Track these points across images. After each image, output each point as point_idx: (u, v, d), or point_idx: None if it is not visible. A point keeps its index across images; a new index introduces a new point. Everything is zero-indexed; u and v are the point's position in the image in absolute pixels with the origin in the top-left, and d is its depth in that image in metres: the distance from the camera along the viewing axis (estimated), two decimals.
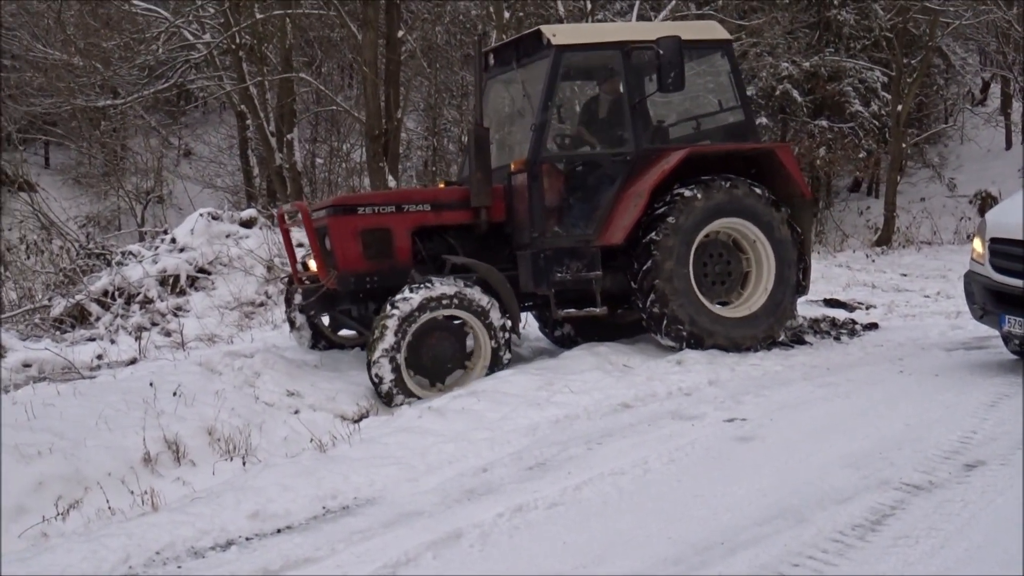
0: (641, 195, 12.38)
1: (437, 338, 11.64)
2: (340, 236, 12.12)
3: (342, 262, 12.10)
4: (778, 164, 13.08)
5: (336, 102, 24.41)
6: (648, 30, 13.33)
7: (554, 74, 12.58)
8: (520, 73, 13.41)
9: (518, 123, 13.79)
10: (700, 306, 12.43)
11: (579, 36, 13.04)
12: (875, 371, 11.68)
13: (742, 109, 13.47)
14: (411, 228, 12.43)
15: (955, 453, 8.44)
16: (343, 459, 8.75)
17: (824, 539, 6.69)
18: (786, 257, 12.83)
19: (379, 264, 12.19)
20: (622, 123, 12.95)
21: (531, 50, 13.11)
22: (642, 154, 12.79)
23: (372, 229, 12.24)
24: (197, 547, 7.08)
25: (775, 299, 12.78)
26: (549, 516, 7.32)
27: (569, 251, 12.54)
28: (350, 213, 12.21)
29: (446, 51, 29.02)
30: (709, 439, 9.02)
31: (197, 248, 16.96)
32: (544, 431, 9.48)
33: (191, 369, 11.34)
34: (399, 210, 12.41)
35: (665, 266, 12.26)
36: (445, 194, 12.76)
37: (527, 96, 13.44)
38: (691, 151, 12.63)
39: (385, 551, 6.74)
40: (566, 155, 13.01)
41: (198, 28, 25.60)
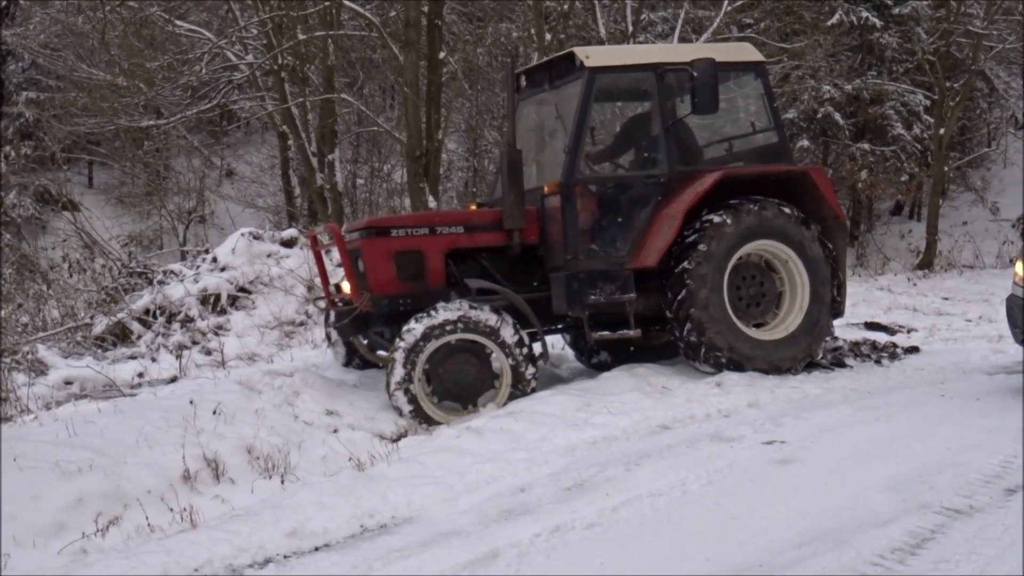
0: (675, 217, 12.30)
1: (458, 362, 11.62)
2: (373, 258, 12.12)
3: (375, 284, 12.10)
4: (812, 186, 12.98)
5: (377, 123, 24.47)
6: (681, 52, 13.31)
7: (587, 96, 12.52)
8: (552, 95, 13.40)
9: (550, 145, 13.78)
10: (738, 332, 12.36)
11: (612, 58, 13.03)
12: (916, 394, 11.62)
13: (776, 131, 13.41)
14: (444, 250, 12.40)
15: (996, 477, 8.39)
16: (381, 478, 8.76)
17: (863, 562, 6.66)
18: (820, 275, 12.74)
19: (412, 286, 12.17)
20: (655, 145, 12.88)
21: (564, 72, 13.07)
22: (676, 176, 12.71)
23: (405, 251, 12.23)
24: (235, 564, 7.11)
25: (811, 318, 12.69)
26: (586, 537, 7.31)
27: (603, 273, 12.47)
28: (383, 235, 12.22)
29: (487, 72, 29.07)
30: (748, 461, 8.99)
31: (238, 267, 17.01)
32: (582, 452, 9.47)
33: (231, 388, 11.38)
34: (432, 232, 12.39)
35: (700, 295, 12.19)
36: (478, 216, 12.76)
37: (560, 118, 13.39)
38: (725, 173, 12.58)
39: (422, 570, 6.75)
40: (599, 177, 12.97)
41: (241, 49, 25.74)
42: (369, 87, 29.71)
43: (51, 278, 20.99)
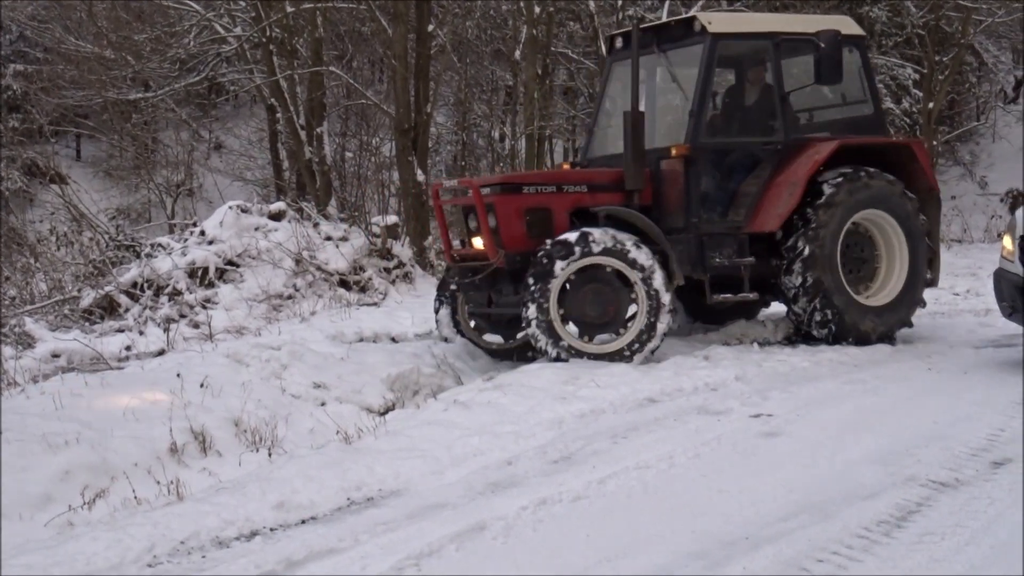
0: (796, 184, 12.62)
1: (592, 291, 11.85)
2: (506, 214, 12.22)
3: (508, 241, 12.19)
4: (912, 157, 13.41)
5: (366, 96, 24.40)
6: (797, 22, 13.81)
7: (710, 61, 12.75)
8: (663, 59, 13.43)
9: (651, 108, 13.85)
10: (850, 297, 12.75)
11: (733, 25, 13.27)
12: (903, 368, 11.65)
13: (872, 103, 13.79)
14: (569, 208, 12.52)
15: (983, 450, 8.42)
16: (368, 451, 8.76)
17: (849, 535, 6.67)
18: (919, 247, 13.11)
19: (540, 244, 12.15)
20: (772, 112, 13.15)
21: (678, 36, 13.21)
22: (790, 143, 12.98)
23: (535, 208, 12.38)
24: (222, 537, 7.09)
25: (910, 287, 13.05)
26: (573, 509, 7.32)
27: (723, 237, 12.76)
28: (516, 192, 12.35)
29: (476, 46, 29.00)
30: (735, 434, 9.01)
31: (226, 241, 16.97)
32: (569, 425, 9.47)
33: (218, 361, 11.36)
34: (559, 190, 12.54)
35: (820, 260, 12.52)
36: (600, 176, 12.83)
37: (675, 81, 13.59)
38: (842, 143, 12.92)
39: (408, 543, 6.74)
40: (723, 142, 13.17)
41: (229, 21, 25.64)
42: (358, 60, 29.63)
43: (39, 251, 20.93)
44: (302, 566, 6.54)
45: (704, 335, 13.21)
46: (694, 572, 6.22)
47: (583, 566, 6.34)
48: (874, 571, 6.16)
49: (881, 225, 13.09)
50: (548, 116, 25.45)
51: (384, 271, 17.53)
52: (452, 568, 6.40)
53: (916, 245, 13.09)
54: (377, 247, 17.70)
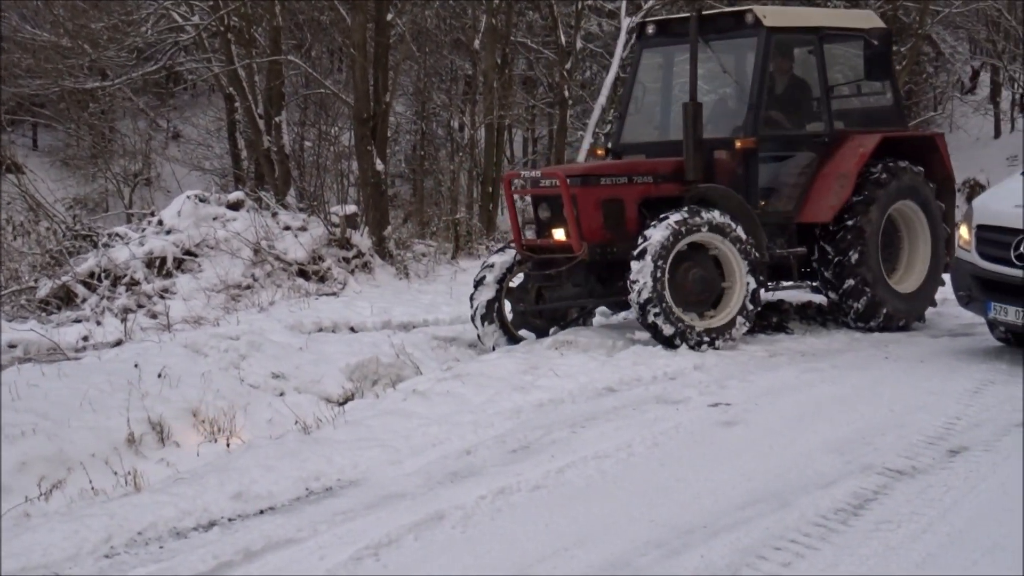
0: (847, 176, 12.91)
1: (691, 269, 12.00)
2: (586, 206, 12.22)
3: (587, 232, 12.19)
4: (935, 149, 13.85)
5: (325, 85, 24.32)
6: (838, 17, 14.57)
7: (766, 54, 12.88)
8: (706, 49, 13.36)
9: (709, 97, 14.11)
10: (889, 288, 13.16)
11: (786, 19, 13.44)
12: (860, 357, 11.71)
13: (893, 95, 14.12)
14: (638, 199, 12.59)
15: (939, 439, 8.49)
16: (327, 441, 8.74)
17: (806, 523, 6.72)
18: (940, 235, 13.50)
19: (614, 235, 12.32)
20: (818, 105, 13.49)
21: (725, 27, 13.31)
22: (835, 135, 13.24)
23: (610, 199, 12.42)
24: (179, 528, 7.07)
25: (933, 273, 13.48)
26: (532, 499, 7.33)
27: (777, 227, 13.02)
28: (594, 184, 12.37)
29: (436, 35, 28.92)
30: (693, 423, 9.04)
31: (184, 230, 16.87)
32: (528, 414, 9.48)
33: (176, 351, 11.31)
34: (630, 181, 12.60)
35: (868, 254, 12.84)
36: (662, 166, 12.85)
37: (727, 72, 13.73)
38: (885, 136, 13.24)
39: (367, 532, 6.75)
40: (779, 134, 13.28)
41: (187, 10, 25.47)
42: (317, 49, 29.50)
43: None
44: (260, 557, 6.54)
45: None
46: (652, 561, 6.26)
47: (541, 555, 6.36)
48: (831, 559, 6.20)
49: (908, 215, 13.48)
50: (507, 106, 25.41)
51: (343, 261, 17.49)
52: (411, 558, 6.41)
53: (938, 234, 13.48)
54: (336, 237, 17.65)
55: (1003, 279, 10.89)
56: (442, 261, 19.30)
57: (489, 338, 12.75)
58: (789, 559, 6.21)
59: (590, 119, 24.25)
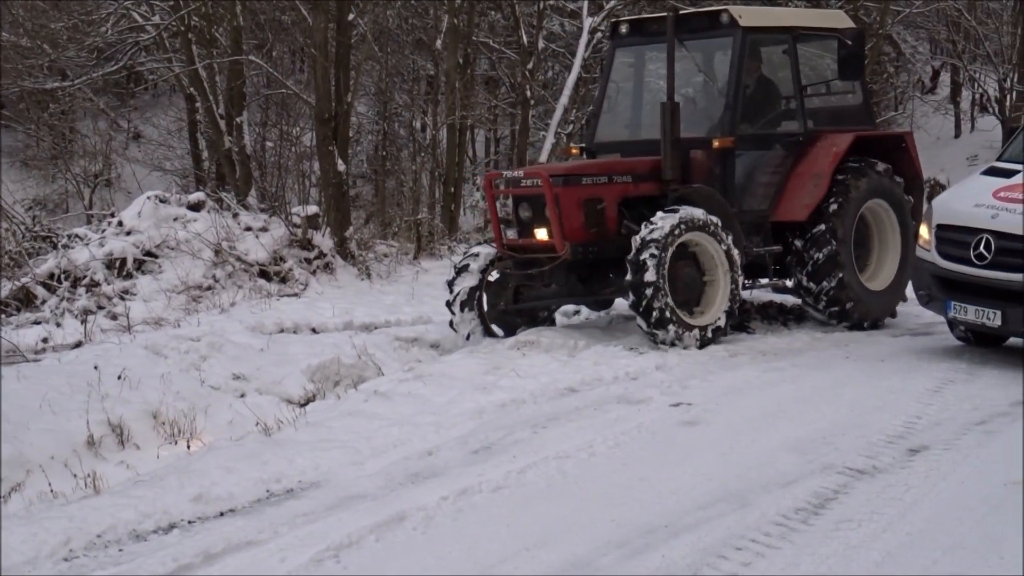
0: (822, 176, 13.03)
1: (681, 267, 12.04)
2: (568, 205, 12.23)
3: (569, 232, 12.20)
4: (905, 147, 14.00)
5: (286, 85, 24.22)
6: (812, 18, 14.59)
7: (742, 54, 12.95)
8: (680, 49, 13.28)
9: (654, 98, 14.18)
10: (862, 286, 13.29)
11: (761, 19, 13.57)
12: (821, 356, 11.75)
13: (860, 93, 14.21)
14: (618, 198, 12.64)
15: (899, 438, 8.53)
16: (288, 442, 8.72)
17: (767, 522, 6.75)
18: (910, 233, 13.51)
19: (595, 234, 12.38)
20: (792, 105, 13.58)
21: (700, 27, 13.38)
22: (808, 134, 13.33)
23: (591, 199, 12.44)
24: (139, 530, 7.04)
25: (903, 270, 13.50)
26: (493, 499, 7.33)
27: (752, 226, 13.10)
28: (576, 183, 12.39)
29: (397, 35, 28.86)
30: (655, 423, 9.05)
31: (144, 231, 16.79)
32: (490, 415, 9.46)
33: (137, 352, 11.28)
34: (610, 181, 12.64)
35: (841, 252, 12.92)
36: (641, 166, 12.89)
37: (703, 72, 13.87)
38: (858, 135, 13.37)
39: (328, 534, 6.73)
40: (756, 133, 13.31)
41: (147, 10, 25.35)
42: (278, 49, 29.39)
43: None
44: (220, 559, 6.52)
45: (625, 324, 13.24)
46: (614, 560, 6.27)
47: (503, 555, 6.36)
48: (791, 558, 6.22)
49: (879, 214, 13.60)
50: (470, 106, 25.37)
51: (305, 262, 17.43)
52: (372, 559, 6.40)
53: (908, 232, 13.55)
54: (298, 237, 17.59)
55: (963, 278, 10.96)
56: (404, 262, 19.25)
57: (465, 325, 12.76)
58: (750, 559, 6.23)
59: (552, 119, 24.22)
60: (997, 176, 11.42)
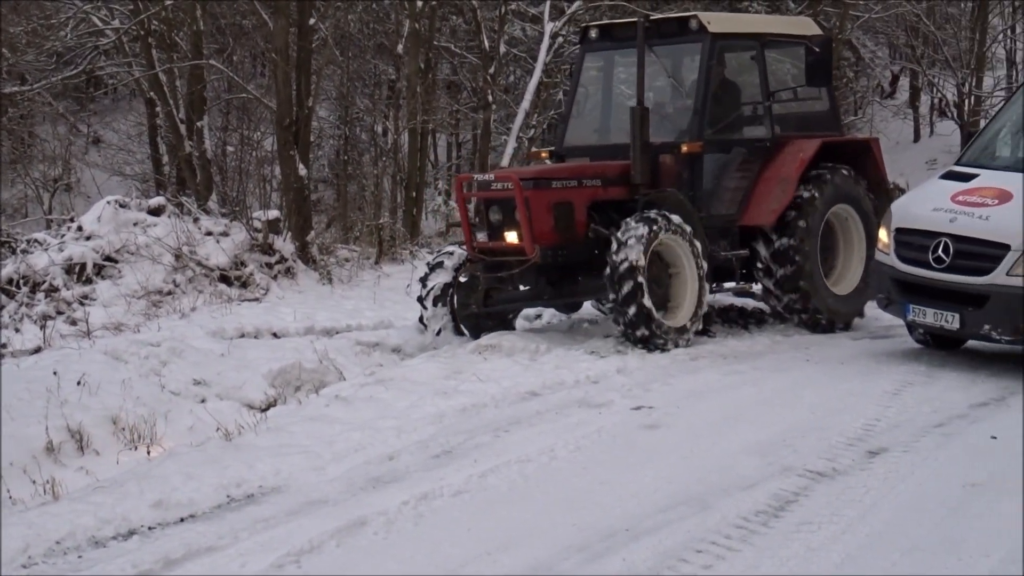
0: (789, 180, 13.06)
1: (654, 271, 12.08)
2: (538, 209, 12.25)
3: (539, 235, 12.22)
4: (871, 153, 14.10)
5: (247, 90, 24.15)
6: (780, 24, 14.76)
7: (711, 60, 13.01)
8: (649, 54, 13.39)
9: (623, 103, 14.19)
10: (827, 290, 13.38)
11: (730, 25, 13.67)
12: (781, 359, 11.79)
13: (828, 99, 14.24)
14: (587, 202, 12.67)
15: (858, 440, 8.57)
16: (249, 448, 8.71)
17: (728, 525, 6.77)
18: (874, 235, 13.46)
19: (564, 238, 12.41)
20: (760, 110, 13.67)
21: (669, 33, 13.43)
22: (776, 140, 13.43)
23: (561, 203, 12.48)
24: (98, 536, 7.00)
25: (866, 277, 13.39)
26: (454, 503, 7.33)
27: (720, 230, 13.17)
28: (546, 187, 12.42)
29: (359, 40, 28.81)
30: (616, 427, 9.07)
31: (104, 236, 16.72)
32: (451, 419, 9.46)
33: (96, 358, 11.23)
34: (580, 184, 12.69)
35: (807, 257, 13.01)
36: (611, 170, 12.92)
37: (672, 77, 13.95)
38: (824, 141, 13.39)
39: (289, 539, 6.72)
40: (723, 138, 13.35)
41: (107, 14, 25.26)
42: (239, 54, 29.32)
43: None
44: (180, 565, 6.50)
45: (586, 328, 13.26)
46: (575, 564, 6.28)
47: (464, 560, 6.37)
48: (752, 560, 6.24)
49: (844, 219, 13.68)
50: (431, 110, 25.36)
51: (266, 266, 17.38)
52: (333, 564, 6.40)
53: (872, 236, 13.50)
54: (258, 242, 17.55)
55: (921, 282, 11.01)
56: (365, 266, 19.22)
57: (437, 321, 12.83)
58: (710, 561, 6.25)
59: (514, 123, 24.23)
60: (955, 180, 11.49)
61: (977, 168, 11.53)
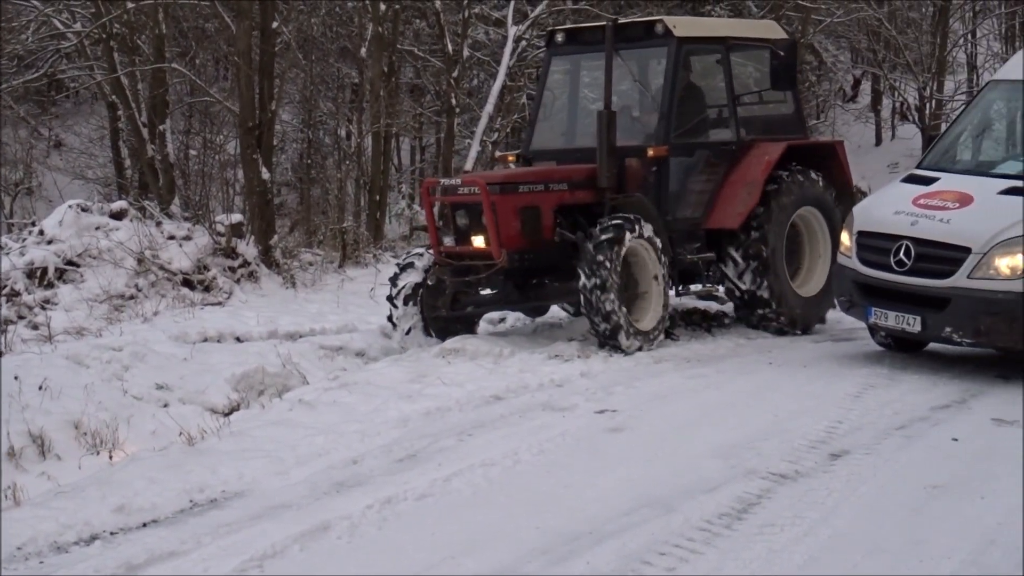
0: (755, 184, 13.10)
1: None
2: (505, 213, 12.24)
3: (506, 240, 12.20)
4: (835, 156, 14.22)
5: (209, 93, 24.08)
6: (745, 28, 14.99)
7: (677, 63, 13.05)
8: (617, 58, 13.30)
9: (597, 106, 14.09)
10: (793, 292, 13.47)
11: (696, 29, 13.78)
12: (744, 363, 11.82)
13: (793, 103, 14.29)
14: (554, 206, 12.68)
15: (821, 443, 8.61)
16: (212, 452, 8.68)
17: (691, 528, 6.79)
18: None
19: (531, 242, 12.43)
20: (727, 114, 13.72)
21: (635, 37, 13.46)
22: (742, 143, 13.46)
23: (528, 207, 12.49)
24: (60, 542, 6.97)
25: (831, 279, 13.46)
26: (418, 508, 7.33)
27: (686, 233, 13.24)
28: (513, 191, 12.42)
29: (322, 43, 28.76)
30: (580, 430, 9.08)
31: (66, 240, 16.63)
32: (415, 423, 9.45)
33: (58, 363, 11.15)
34: (547, 188, 12.69)
35: (773, 259, 13.07)
36: (577, 173, 12.94)
37: (638, 81, 13.95)
38: (790, 144, 13.49)
39: (252, 544, 6.70)
40: (689, 142, 13.38)
41: (69, 17, 25.15)
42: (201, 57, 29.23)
43: None
44: (143, 570, 6.48)
45: (550, 332, 13.28)
46: (538, 567, 6.28)
47: (428, 564, 6.37)
48: (715, 563, 6.26)
49: (810, 221, 13.76)
50: (395, 114, 25.34)
51: (229, 270, 17.33)
52: (296, 569, 6.39)
53: (837, 238, 13.53)
54: (222, 246, 17.49)
55: (883, 285, 11.06)
56: (329, 270, 19.19)
57: (407, 320, 12.83)
58: (674, 564, 6.27)
59: (477, 127, 24.23)
60: (917, 183, 11.56)
61: (938, 172, 11.61)
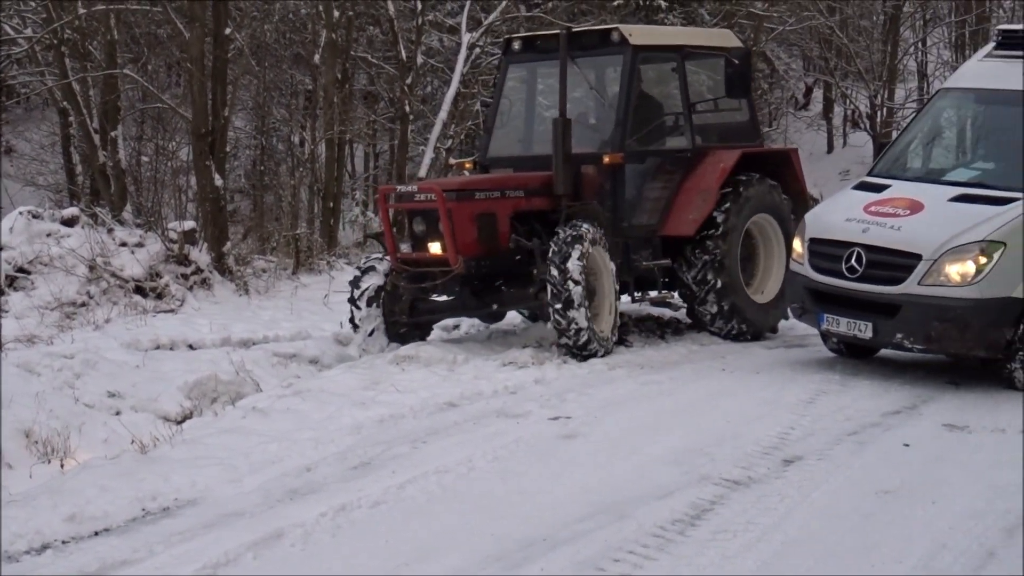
0: (709, 191, 13.18)
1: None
2: (461, 220, 12.24)
3: (462, 247, 12.20)
4: (790, 164, 14.32)
5: (162, 99, 23.96)
6: (700, 37, 15.02)
7: (632, 71, 13.12)
8: (571, 66, 13.40)
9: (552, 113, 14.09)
10: (748, 299, 13.53)
11: (651, 38, 13.86)
12: (698, 369, 11.87)
13: (747, 110, 14.36)
14: (510, 213, 12.70)
15: (774, 449, 8.66)
16: (164, 460, 8.64)
17: (644, 534, 6.81)
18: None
19: (488, 249, 12.45)
20: (681, 121, 13.80)
21: (591, 45, 13.53)
22: (696, 151, 13.54)
23: (485, 214, 12.50)
24: (11, 551, 6.92)
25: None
26: (372, 515, 7.32)
27: (641, 240, 13.31)
28: (469, 198, 12.43)
29: (275, 49, 28.70)
30: (534, 437, 9.09)
31: (16, 247, 16.52)
32: (369, 430, 9.45)
33: (8, 370, 11.05)
34: (503, 195, 12.72)
35: (728, 266, 13.11)
36: (533, 181, 12.96)
37: (594, 89, 13.97)
38: (744, 152, 13.56)
39: (205, 552, 6.68)
40: (644, 149, 13.42)
41: (19, 22, 25.01)
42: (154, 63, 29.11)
43: None
44: None
45: (504, 338, 13.29)
46: (493, 574, 6.27)
47: (382, 571, 6.37)
48: (669, 568, 6.28)
49: (764, 228, 13.83)
50: (348, 120, 25.29)
51: (181, 277, 17.23)
52: None
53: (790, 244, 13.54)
54: (174, 253, 17.40)
55: (835, 291, 11.15)
56: (282, 277, 19.11)
57: (370, 321, 12.80)
58: (627, 570, 6.29)
59: (431, 134, 24.22)
60: (868, 191, 11.65)
61: (889, 179, 11.70)
